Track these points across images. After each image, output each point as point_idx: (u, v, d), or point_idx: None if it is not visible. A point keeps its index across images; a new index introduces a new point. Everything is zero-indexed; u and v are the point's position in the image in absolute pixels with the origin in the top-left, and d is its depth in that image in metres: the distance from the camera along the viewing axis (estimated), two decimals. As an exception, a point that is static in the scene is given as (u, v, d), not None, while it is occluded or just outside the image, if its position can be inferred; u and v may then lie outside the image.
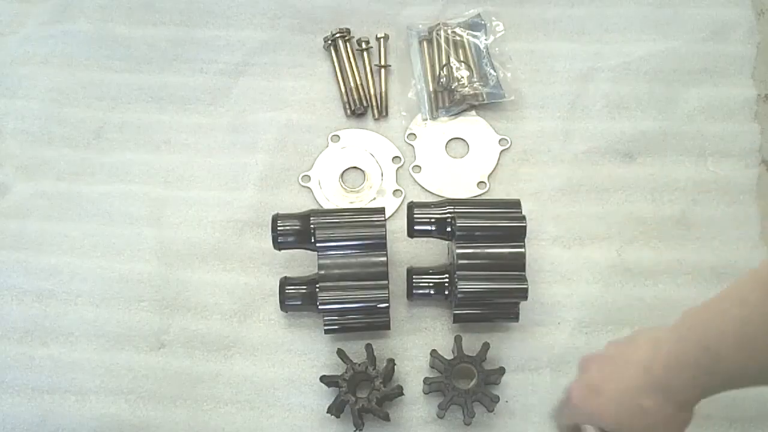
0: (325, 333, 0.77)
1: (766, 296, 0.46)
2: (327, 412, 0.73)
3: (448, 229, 0.76)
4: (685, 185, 0.86)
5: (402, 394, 0.74)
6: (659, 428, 0.57)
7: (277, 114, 0.91)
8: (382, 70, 0.93)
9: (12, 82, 0.94)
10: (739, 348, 0.50)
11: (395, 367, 0.75)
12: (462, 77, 0.91)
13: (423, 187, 0.87)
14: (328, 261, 0.75)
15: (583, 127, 0.89)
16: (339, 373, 0.74)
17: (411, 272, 0.78)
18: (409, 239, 0.80)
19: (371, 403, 0.71)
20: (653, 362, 0.55)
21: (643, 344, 0.58)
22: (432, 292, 0.78)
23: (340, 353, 0.75)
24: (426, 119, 0.91)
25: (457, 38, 0.94)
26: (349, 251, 0.75)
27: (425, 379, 0.73)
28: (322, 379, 0.74)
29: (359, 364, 0.73)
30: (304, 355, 0.78)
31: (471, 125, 0.90)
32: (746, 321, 0.49)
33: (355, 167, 0.89)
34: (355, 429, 0.73)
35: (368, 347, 0.75)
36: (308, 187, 0.87)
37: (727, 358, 0.50)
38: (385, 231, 0.75)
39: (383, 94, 0.92)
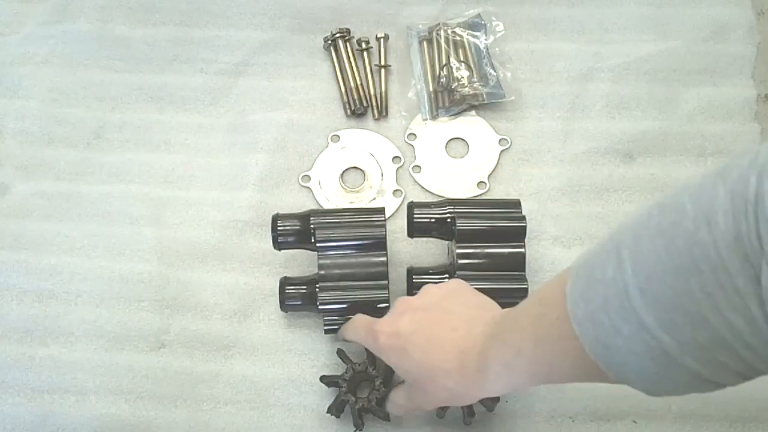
0: (325, 333, 0.77)
1: (561, 296, 0.48)
2: (327, 412, 0.73)
3: (448, 229, 0.76)
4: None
5: None
6: (461, 402, 0.64)
7: (277, 114, 0.91)
8: (382, 70, 0.93)
9: (12, 82, 0.94)
10: (535, 345, 0.52)
11: None
12: (462, 77, 0.91)
13: (423, 187, 0.87)
14: (328, 261, 0.75)
15: (583, 127, 0.89)
16: (339, 373, 0.74)
17: (411, 272, 0.78)
18: (409, 239, 0.80)
19: (371, 403, 0.71)
20: (467, 352, 0.59)
21: (460, 325, 0.62)
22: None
23: (340, 353, 0.75)
24: (426, 119, 0.91)
25: (457, 38, 0.94)
26: (349, 251, 0.75)
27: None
28: (322, 379, 0.74)
29: (359, 364, 0.73)
30: (304, 355, 0.78)
31: (471, 125, 0.90)
32: (543, 318, 0.52)
33: (355, 167, 0.89)
34: (355, 429, 0.73)
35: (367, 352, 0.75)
36: (308, 187, 0.87)
37: (527, 354, 0.53)
38: (385, 231, 0.75)
39: (383, 94, 0.92)
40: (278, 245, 0.77)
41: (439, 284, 0.69)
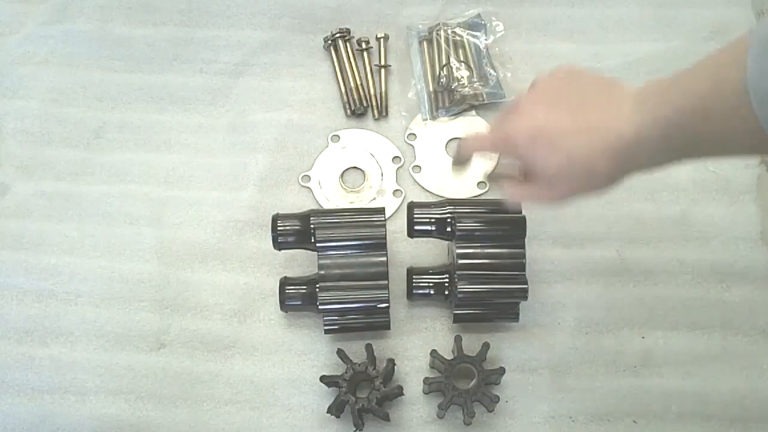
0: (325, 333, 0.77)
1: (736, 67, 0.46)
2: (327, 412, 0.73)
3: (448, 229, 0.76)
4: (685, 185, 0.86)
5: (402, 394, 0.74)
6: (600, 187, 0.58)
7: (277, 114, 0.91)
8: (382, 70, 0.93)
9: (12, 82, 0.94)
10: (702, 118, 0.50)
11: (395, 367, 0.75)
12: (462, 77, 0.91)
13: (423, 187, 0.87)
14: (328, 261, 0.75)
15: (583, 127, 0.89)
16: (339, 373, 0.74)
17: (411, 272, 0.78)
18: (409, 239, 0.80)
19: (371, 403, 0.71)
20: (620, 130, 0.55)
21: (603, 105, 0.57)
22: (432, 292, 0.78)
23: (340, 353, 0.75)
24: (426, 119, 0.91)
25: (457, 38, 0.94)
26: (349, 251, 0.75)
27: (425, 379, 0.73)
28: (322, 379, 0.74)
29: (359, 364, 0.73)
30: (304, 355, 0.78)
31: (471, 125, 0.90)
32: (714, 92, 0.49)
33: (355, 167, 0.89)
34: (355, 429, 0.73)
35: (368, 347, 0.75)
36: (308, 187, 0.87)
37: (692, 129, 0.51)
38: (385, 231, 0.75)
39: (383, 94, 0.92)
40: (278, 245, 0.77)
41: (549, 76, 0.63)
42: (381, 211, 0.77)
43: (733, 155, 0.50)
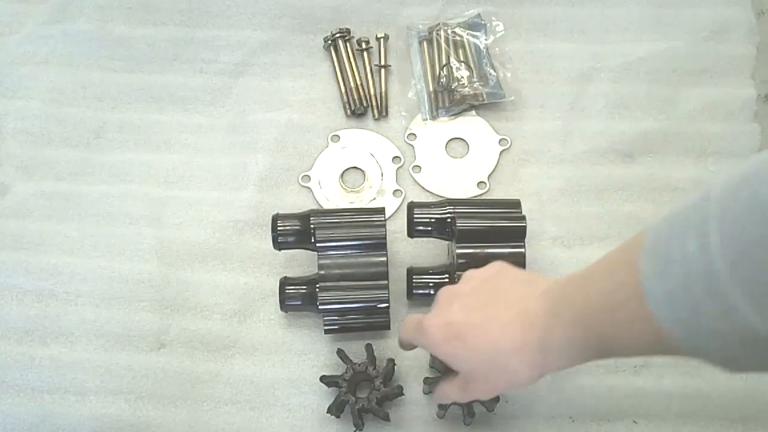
0: (325, 333, 0.77)
1: (632, 271, 0.46)
2: (327, 412, 0.73)
3: (448, 229, 0.76)
4: (685, 185, 0.86)
5: (402, 394, 0.74)
6: (519, 385, 0.59)
7: (277, 114, 0.91)
8: (382, 70, 0.93)
9: (12, 82, 0.94)
10: (604, 321, 0.50)
11: (395, 367, 0.75)
12: (462, 77, 0.91)
13: (423, 187, 0.87)
14: (328, 261, 0.75)
15: (583, 127, 0.89)
16: (339, 373, 0.74)
17: (411, 272, 0.78)
18: (409, 239, 0.80)
19: (371, 403, 0.71)
20: (528, 329, 0.56)
21: (514, 303, 0.58)
22: (432, 292, 0.78)
23: (340, 353, 0.75)
24: (426, 119, 0.91)
25: (457, 38, 0.94)
26: (349, 251, 0.75)
27: (425, 379, 0.73)
28: (322, 379, 0.74)
29: (359, 364, 0.73)
30: (304, 355, 0.78)
31: (471, 125, 0.90)
32: (612, 295, 0.49)
33: (355, 167, 0.89)
34: (355, 429, 0.73)
35: (368, 347, 0.75)
36: (308, 187, 0.87)
37: (594, 330, 0.51)
38: (385, 231, 0.75)
39: (383, 94, 0.92)
40: (278, 245, 0.77)
41: (480, 269, 0.64)
42: (381, 211, 0.77)
43: (644, 355, 0.50)
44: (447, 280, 0.77)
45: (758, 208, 0.38)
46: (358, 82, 0.91)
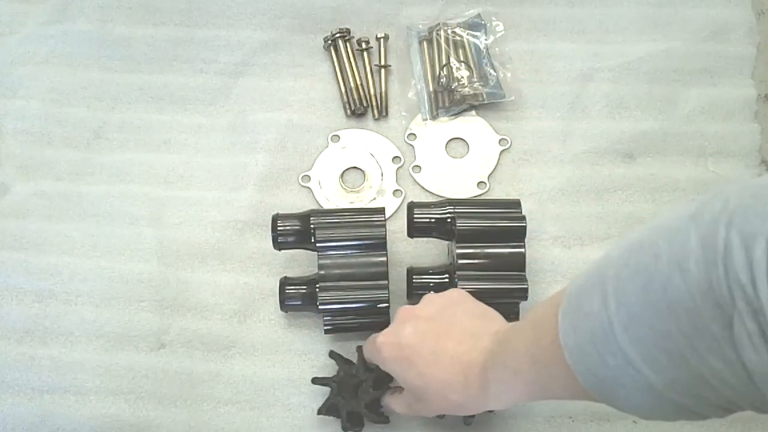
0: (325, 333, 0.77)
1: (555, 322, 0.49)
2: (318, 413, 0.73)
3: (448, 229, 0.76)
4: (685, 185, 0.86)
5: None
6: (463, 413, 0.65)
7: (277, 114, 0.91)
8: (382, 70, 0.93)
9: (12, 82, 0.94)
10: (531, 366, 0.53)
11: None
12: (462, 77, 0.91)
13: (423, 187, 0.87)
14: (328, 261, 0.75)
15: (583, 127, 0.89)
16: (331, 375, 0.74)
17: (411, 272, 0.78)
18: (409, 239, 0.80)
19: (362, 405, 0.71)
20: (471, 367, 0.59)
21: (464, 339, 0.62)
22: (432, 292, 0.78)
23: (333, 354, 0.75)
24: (426, 119, 0.91)
25: (457, 38, 0.94)
26: (349, 251, 0.75)
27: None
28: (314, 381, 0.74)
29: (352, 367, 0.73)
30: (304, 355, 0.78)
31: (471, 125, 0.90)
32: (537, 342, 0.52)
33: (355, 167, 0.89)
34: (350, 428, 0.72)
35: (359, 350, 0.74)
36: (308, 187, 0.87)
37: (524, 375, 0.54)
38: (385, 231, 0.75)
39: (383, 94, 0.92)
40: (278, 245, 0.77)
41: (441, 293, 0.68)
42: (381, 211, 0.77)
43: (574, 399, 0.52)
44: (447, 280, 0.77)
45: (642, 276, 0.42)
46: (358, 82, 0.91)
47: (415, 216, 0.77)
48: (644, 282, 0.42)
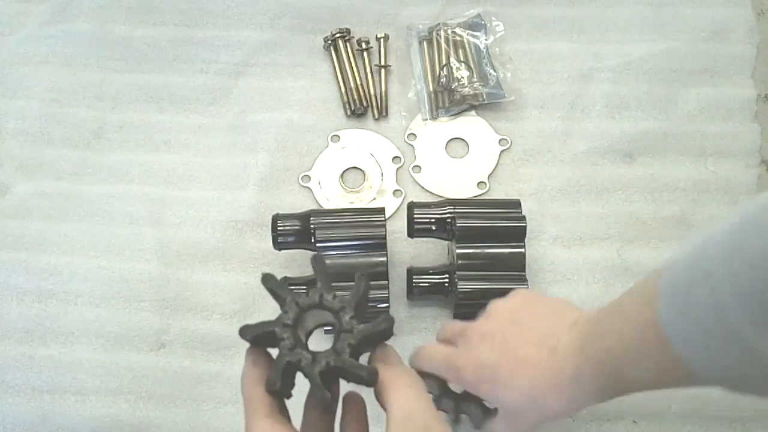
0: (325, 333, 0.77)
1: (651, 314, 0.47)
2: (266, 389, 0.50)
3: (448, 229, 0.76)
4: (685, 185, 0.86)
5: (392, 333, 0.48)
6: (558, 419, 0.60)
7: (277, 114, 0.91)
8: (382, 70, 0.93)
9: (12, 82, 0.94)
10: (629, 362, 0.51)
11: (368, 287, 0.51)
12: (462, 77, 0.91)
13: (423, 187, 0.87)
14: (328, 261, 0.75)
15: (583, 127, 0.89)
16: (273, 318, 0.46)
17: (411, 272, 0.78)
18: (409, 239, 0.80)
19: (341, 356, 0.43)
20: (559, 371, 0.57)
21: (543, 340, 0.59)
22: (432, 292, 0.78)
23: (266, 280, 0.48)
24: (426, 119, 0.91)
25: (457, 38, 0.94)
26: (349, 251, 0.75)
27: (425, 379, 0.72)
28: (243, 333, 0.48)
29: (305, 292, 0.46)
30: (304, 355, 0.78)
31: (471, 125, 0.90)
32: (635, 340, 0.50)
33: (355, 167, 0.89)
34: (324, 410, 0.46)
35: (317, 259, 0.48)
36: (308, 187, 0.87)
37: (619, 372, 0.52)
38: (385, 231, 0.75)
39: (383, 94, 0.92)
40: (278, 245, 0.77)
41: (505, 299, 0.65)
42: (381, 211, 0.77)
43: (667, 388, 0.52)
44: (447, 280, 0.77)
45: (750, 251, 0.41)
46: (358, 82, 0.91)
47: (415, 216, 0.77)
48: (757, 257, 0.40)
